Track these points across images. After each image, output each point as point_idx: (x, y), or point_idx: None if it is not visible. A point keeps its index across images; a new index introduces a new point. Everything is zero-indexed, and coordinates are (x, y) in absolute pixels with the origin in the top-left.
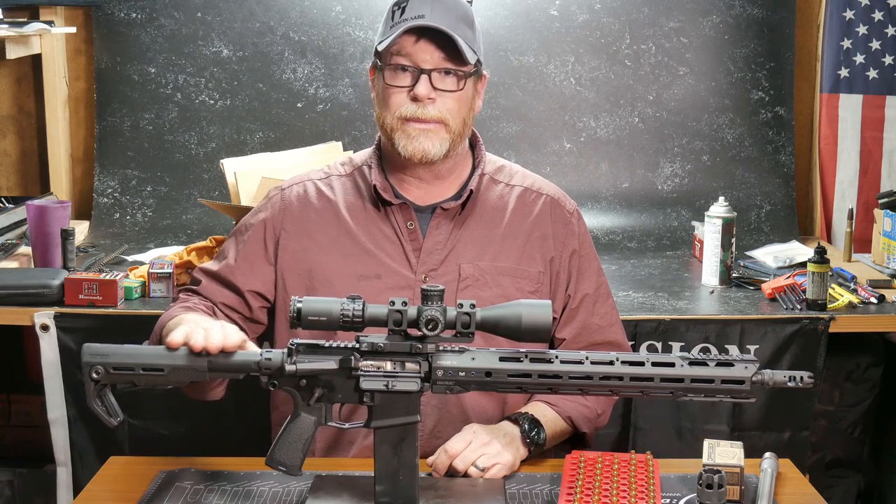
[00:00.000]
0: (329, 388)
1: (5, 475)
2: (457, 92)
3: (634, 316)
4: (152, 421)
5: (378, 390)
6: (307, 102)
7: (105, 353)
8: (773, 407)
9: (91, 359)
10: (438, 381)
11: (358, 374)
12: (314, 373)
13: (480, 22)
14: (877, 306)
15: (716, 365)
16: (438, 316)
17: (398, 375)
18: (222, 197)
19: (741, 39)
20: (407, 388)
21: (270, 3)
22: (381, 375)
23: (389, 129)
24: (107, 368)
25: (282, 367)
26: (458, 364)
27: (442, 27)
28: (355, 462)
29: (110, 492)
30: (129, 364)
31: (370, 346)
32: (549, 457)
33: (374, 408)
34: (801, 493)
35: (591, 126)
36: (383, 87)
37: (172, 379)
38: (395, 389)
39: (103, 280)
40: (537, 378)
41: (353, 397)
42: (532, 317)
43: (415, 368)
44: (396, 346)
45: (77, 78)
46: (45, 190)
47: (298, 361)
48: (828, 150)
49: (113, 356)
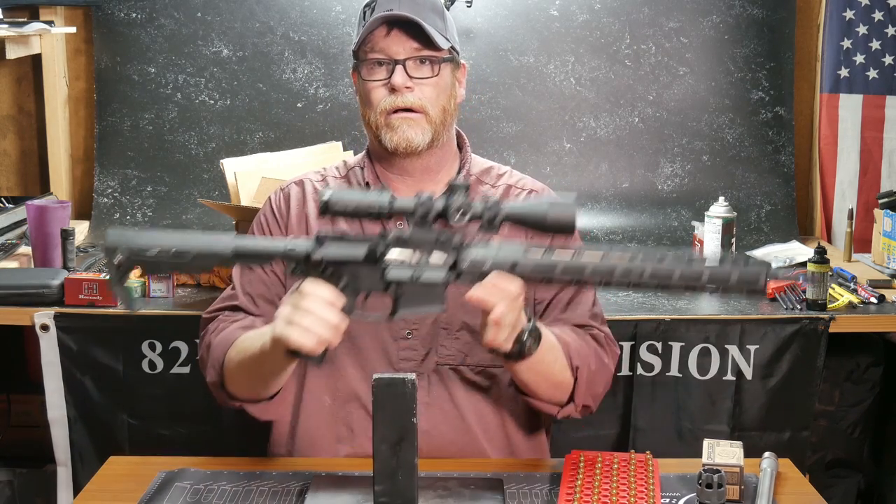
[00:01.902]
0: (354, 276)
1: (5, 475)
2: (433, 78)
3: (634, 316)
4: (152, 421)
5: (405, 280)
6: (307, 102)
7: (128, 237)
8: (773, 407)
9: (114, 243)
10: (464, 273)
11: (384, 265)
12: (341, 260)
13: (480, 22)
14: (877, 306)
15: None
16: (467, 203)
17: (425, 266)
18: (222, 197)
19: (741, 39)
20: (433, 279)
21: (270, 3)
22: (407, 266)
23: (374, 125)
24: (130, 253)
25: (308, 256)
26: (485, 254)
27: (410, 15)
28: (355, 462)
29: (110, 492)
30: (153, 248)
31: (397, 236)
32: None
33: (399, 299)
34: (801, 493)
35: (591, 126)
36: (363, 84)
37: (197, 265)
38: (421, 280)
39: (103, 280)
40: (561, 270)
41: (379, 286)
42: (557, 211)
43: (441, 259)
44: (424, 236)
45: (77, 78)
46: (45, 190)
47: (326, 248)
48: (828, 150)
49: (136, 240)
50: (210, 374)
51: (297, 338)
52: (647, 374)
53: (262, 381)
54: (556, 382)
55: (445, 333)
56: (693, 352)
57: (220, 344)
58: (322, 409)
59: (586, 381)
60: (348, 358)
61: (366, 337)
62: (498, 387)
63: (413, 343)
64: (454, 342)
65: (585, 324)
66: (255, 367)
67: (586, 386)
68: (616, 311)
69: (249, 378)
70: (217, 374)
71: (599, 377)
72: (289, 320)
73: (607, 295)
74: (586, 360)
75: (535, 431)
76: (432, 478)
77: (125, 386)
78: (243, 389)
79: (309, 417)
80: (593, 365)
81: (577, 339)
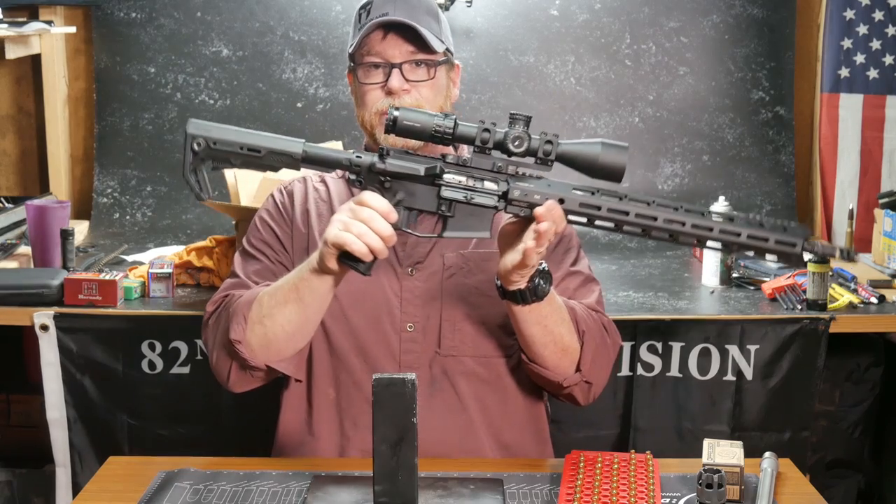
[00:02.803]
0: (410, 193)
1: (4, 475)
2: (429, 81)
3: (634, 316)
4: (152, 421)
5: (458, 200)
6: (307, 102)
7: (208, 128)
8: (773, 407)
9: (195, 131)
10: (514, 202)
11: (441, 184)
12: (401, 172)
13: (480, 22)
14: (877, 306)
15: (770, 228)
16: (525, 135)
17: (478, 190)
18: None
19: (741, 39)
20: (485, 203)
21: (270, 3)
22: (461, 188)
23: (370, 125)
24: (208, 143)
25: (372, 165)
26: (535, 188)
27: (406, 20)
28: (355, 462)
29: (110, 492)
30: (230, 141)
31: (456, 158)
32: (549, 457)
33: (448, 220)
34: (801, 493)
35: (591, 126)
36: (359, 87)
37: (267, 162)
38: (473, 202)
39: (103, 280)
40: (606, 211)
41: (433, 205)
42: (609, 155)
43: (494, 187)
44: (481, 161)
45: (77, 78)
46: (44, 190)
47: (388, 161)
48: (828, 150)
49: (215, 132)
50: (234, 331)
51: (351, 242)
52: (647, 374)
53: (301, 310)
54: (563, 346)
55: (448, 325)
56: (693, 352)
57: (245, 302)
58: (327, 401)
59: (592, 352)
60: (351, 350)
61: (368, 329)
62: (500, 379)
63: (415, 335)
64: (456, 334)
65: (593, 308)
66: (292, 295)
67: (592, 356)
68: (616, 311)
69: (285, 311)
70: (242, 331)
71: (604, 355)
72: (345, 226)
73: (608, 295)
74: (592, 331)
75: (538, 424)
76: (432, 478)
77: (125, 386)
78: (277, 335)
79: (316, 411)
80: (598, 339)
81: (584, 310)
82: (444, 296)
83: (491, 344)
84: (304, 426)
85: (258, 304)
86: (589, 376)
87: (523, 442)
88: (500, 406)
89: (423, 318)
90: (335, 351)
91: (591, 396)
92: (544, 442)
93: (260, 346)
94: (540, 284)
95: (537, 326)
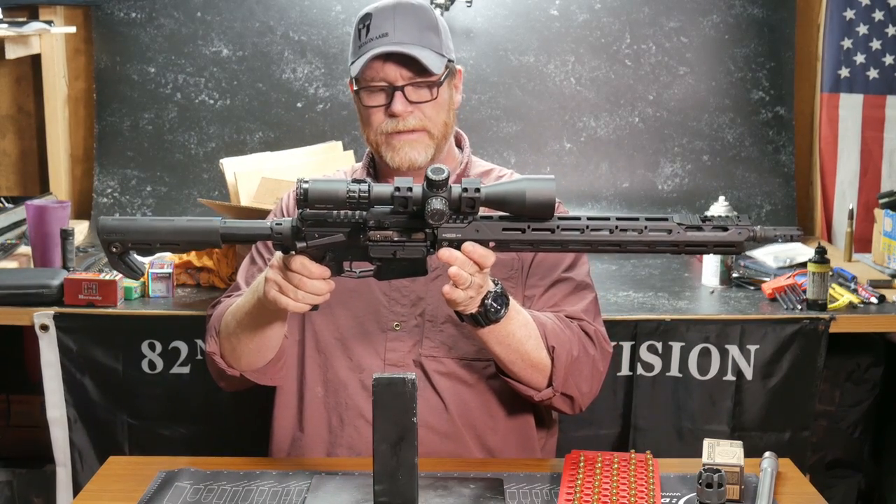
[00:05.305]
0: (339, 249)
1: (5, 475)
2: (432, 101)
3: (634, 316)
4: (152, 421)
5: (386, 258)
6: (307, 102)
7: (123, 229)
8: (773, 407)
9: (108, 237)
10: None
11: (366, 244)
12: (324, 247)
13: (480, 22)
14: (877, 306)
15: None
16: (443, 209)
17: (406, 244)
18: (222, 197)
19: (741, 39)
20: (412, 256)
21: (270, 2)
22: (388, 243)
23: (375, 144)
24: (124, 244)
25: (292, 240)
26: (464, 236)
27: (405, 50)
28: (355, 462)
29: (110, 492)
30: (146, 240)
31: (377, 222)
32: (549, 456)
33: (382, 268)
34: (801, 493)
35: (591, 126)
36: (363, 108)
37: (187, 248)
38: (401, 257)
39: (103, 280)
40: (528, 238)
41: (365, 255)
42: (536, 191)
43: (421, 238)
44: (402, 223)
45: (77, 78)
46: (44, 190)
47: (308, 236)
48: (828, 150)
49: (131, 233)
50: (209, 344)
51: (285, 303)
52: (647, 374)
53: (258, 331)
54: (532, 362)
55: (430, 325)
56: (693, 352)
57: (217, 315)
58: (316, 399)
59: (565, 366)
60: (337, 349)
61: (354, 329)
62: (482, 383)
63: (400, 335)
64: (439, 334)
65: (577, 317)
66: (247, 320)
67: (565, 371)
68: (616, 311)
69: (246, 330)
70: (215, 344)
71: (583, 367)
72: (279, 289)
73: (607, 295)
74: (566, 345)
75: (525, 432)
76: (432, 478)
77: (125, 386)
78: (243, 351)
79: (306, 409)
80: (575, 351)
81: (557, 324)
82: (429, 296)
83: (472, 347)
84: (295, 423)
85: (225, 322)
86: (565, 390)
87: (507, 449)
88: (483, 410)
89: (410, 317)
90: (322, 349)
91: (578, 407)
92: (531, 451)
93: (232, 358)
94: (492, 308)
95: (500, 346)
